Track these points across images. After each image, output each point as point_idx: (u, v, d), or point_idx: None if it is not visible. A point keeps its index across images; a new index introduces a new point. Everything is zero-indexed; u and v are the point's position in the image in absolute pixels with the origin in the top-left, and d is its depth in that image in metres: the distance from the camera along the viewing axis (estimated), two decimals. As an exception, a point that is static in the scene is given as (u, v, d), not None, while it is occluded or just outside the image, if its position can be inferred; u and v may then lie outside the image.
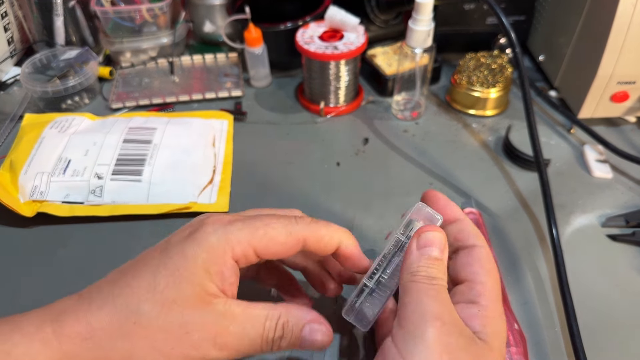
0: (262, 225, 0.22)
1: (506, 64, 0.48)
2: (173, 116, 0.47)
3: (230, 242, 0.22)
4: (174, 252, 0.22)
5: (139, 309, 0.21)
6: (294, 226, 0.23)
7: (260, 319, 0.22)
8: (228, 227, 0.22)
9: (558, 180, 0.41)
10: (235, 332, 0.21)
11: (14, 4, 0.55)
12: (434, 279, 0.22)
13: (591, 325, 0.31)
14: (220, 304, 0.21)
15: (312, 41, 0.45)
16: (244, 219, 0.23)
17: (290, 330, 0.23)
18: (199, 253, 0.21)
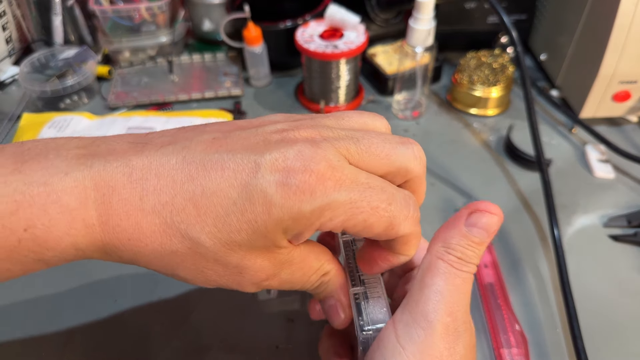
0: (369, 208, 0.18)
1: (507, 63, 0.48)
2: (172, 115, 0.47)
3: (324, 216, 0.18)
4: (257, 199, 0.17)
5: (200, 239, 0.18)
6: (401, 221, 0.19)
7: (310, 271, 0.21)
8: (330, 196, 0.17)
9: (560, 180, 0.41)
10: (284, 278, 0.20)
11: (12, 3, 0.54)
12: (466, 265, 0.20)
13: (593, 326, 0.30)
14: (284, 254, 0.20)
15: (312, 40, 0.45)
16: (351, 187, 0.18)
17: (321, 290, 0.22)
18: (285, 218, 0.17)
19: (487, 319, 0.31)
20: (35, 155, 0.18)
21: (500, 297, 0.31)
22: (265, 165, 0.17)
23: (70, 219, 0.17)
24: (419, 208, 0.20)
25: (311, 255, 0.21)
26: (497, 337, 0.30)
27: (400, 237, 0.20)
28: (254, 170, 0.17)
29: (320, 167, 0.17)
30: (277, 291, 0.32)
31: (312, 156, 0.18)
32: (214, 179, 0.18)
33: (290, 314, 0.31)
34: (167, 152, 0.18)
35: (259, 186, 0.17)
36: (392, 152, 0.20)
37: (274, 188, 0.17)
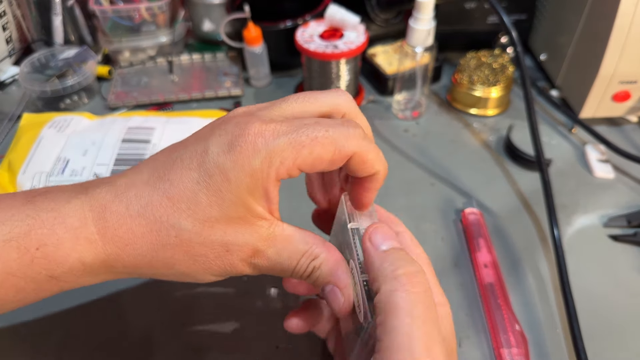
0: (309, 141, 0.20)
1: (507, 63, 0.48)
2: (172, 116, 0.47)
3: (274, 163, 0.20)
4: (213, 170, 0.20)
5: (180, 225, 0.20)
6: (343, 141, 0.20)
7: (298, 254, 0.22)
8: (272, 143, 0.20)
9: (559, 180, 0.41)
10: (272, 257, 0.22)
11: (12, 3, 0.54)
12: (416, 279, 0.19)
13: (593, 326, 0.30)
14: (265, 227, 0.21)
15: (312, 40, 0.45)
16: (289, 131, 0.20)
17: (318, 275, 0.22)
18: (242, 177, 0.20)
19: (487, 319, 0.31)
20: (43, 192, 0.21)
21: (500, 297, 0.31)
22: (212, 143, 0.20)
23: (75, 237, 0.20)
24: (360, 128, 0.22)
25: (296, 235, 0.22)
26: (497, 337, 0.30)
27: (355, 156, 0.21)
28: (205, 151, 0.20)
29: (255, 126, 0.20)
30: (278, 291, 0.32)
31: (247, 121, 0.20)
32: (177, 172, 0.20)
33: (290, 314, 0.31)
34: (139, 169, 0.22)
35: (211, 161, 0.20)
36: (320, 96, 0.22)
37: (223, 156, 0.20)
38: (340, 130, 0.21)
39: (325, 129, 0.20)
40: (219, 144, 0.20)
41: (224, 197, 0.20)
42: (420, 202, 0.40)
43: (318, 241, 0.22)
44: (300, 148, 0.20)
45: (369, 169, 0.22)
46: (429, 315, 0.19)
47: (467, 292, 0.33)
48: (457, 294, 0.33)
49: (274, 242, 0.21)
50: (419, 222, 0.38)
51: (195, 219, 0.20)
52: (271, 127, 0.20)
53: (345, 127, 0.21)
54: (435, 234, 0.37)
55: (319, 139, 0.20)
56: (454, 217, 0.38)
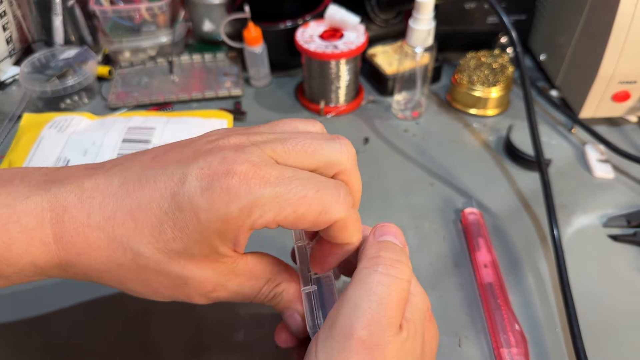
0: (296, 199, 0.18)
1: (507, 63, 0.48)
2: (172, 116, 0.47)
3: (252, 215, 0.18)
4: (185, 206, 0.18)
5: (140, 250, 0.19)
6: (332, 205, 0.19)
7: (261, 281, 0.21)
8: (255, 193, 0.18)
9: (559, 180, 0.41)
10: (233, 289, 0.21)
11: (12, 3, 0.55)
12: (393, 268, 0.19)
13: (592, 325, 0.30)
14: (228, 263, 0.20)
15: (312, 40, 0.45)
16: (276, 182, 0.18)
17: (279, 301, 0.22)
18: (214, 221, 0.18)
19: (487, 319, 0.31)
20: (3, 182, 0.20)
21: (499, 296, 0.31)
22: (191, 174, 0.19)
23: (30, 238, 0.19)
24: (350, 195, 0.20)
25: (259, 266, 0.21)
26: (496, 336, 0.30)
27: (337, 222, 0.20)
28: (182, 180, 0.19)
29: (242, 167, 0.18)
30: None
31: (235, 159, 0.18)
32: (147, 193, 0.19)
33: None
34: (112, 174, 0.20)
35: (186, 194, 0.18)
36: (319, 148, 0.20)
37: (199, 194, 0.18)
38: (332, 194, 0.19)
39: (317, 189, 0.19)
40: (198, 178, 0.18)
41: (189, 235, 0.19)
42: (420, 202, 0.40)
43: (281, 267, 0.22)
44: (285, 205, 0.18)
45: (347, 237, 0.21)
46: (388, 298, 0.19)
47: (467, 292, 0.33)
48: (456, 294, 0.33)
49: (236, 276, 0.21)
50: (418, 222, 0.38)
51: (156, 248, 0.19)
52: (260, 173, 0.18)
53: (337, 190, 0.20)
54: (435, 234, 0.37)
55: (307, 199, 0.19)
56: (453, 217, 0.38)
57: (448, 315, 0.31)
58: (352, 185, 0.22)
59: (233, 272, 0.21)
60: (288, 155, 0.20)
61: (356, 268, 0.20)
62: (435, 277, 0.34)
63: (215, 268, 0.20)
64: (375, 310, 0.18)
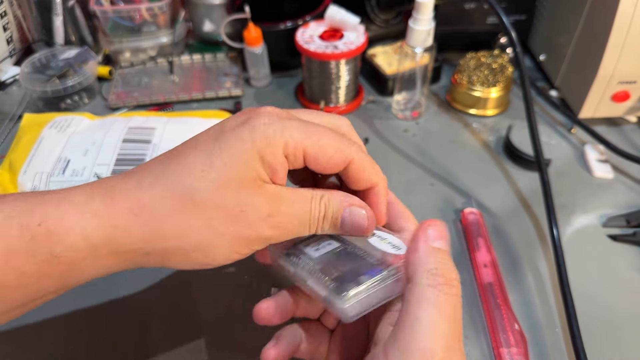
0: (317, 131, 0.22)
1: (507, 63, 0.48)
2: (172, 116, 0.47)
3: (284, 136, 0.21)
4: (230, 136, 0.21)
5: (194, 187, 0.20)
6: (345, 145, 0.22)
7: (307, 199, 0.22)
8: (285, 121, 0.21)
9: (559, 180, 0.41)
10: (286, 211, 0.22)
11: (13, 4, 0.55)
12: (452, 287, 0.20)
13: (592, 325, 0.30)
14: (272, 187, 0.21)
15: (312, 40, 0.45)
16: (300, 119, 0.22)
17: (331, 209, 0.23)
18: (256, 139, 0.21)
19: (487, 319, 0.31)
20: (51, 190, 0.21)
21: (499, 296, 0.32)
22: (228, 122, 0.22)
23: (80, 212, 0.19)
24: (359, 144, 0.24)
25: (300, 190, 0.23)
26: (496, 336, 0.30)
27: (354, 163, 0.22)
28: (222, 128, 0.22)
29: (269, 109, 0.22)
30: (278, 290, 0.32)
31: (261, 108, 0.22)
32: (191, 148, 0.21)
33: (290, 314, 0.31)
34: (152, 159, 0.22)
35: (228, 131, 0.21)
36: (324, 115, 0.25)
37: (240, 127, 0.21)
38: (343, 137, 0.23)
39: (332, 132, 0.22)
40: (235, 120, 0.22)
41: (237, 158, 0.20)
42: (420, 201, 0.40)
43: (317, 189, 0.23)
44: (309, 134, 0.21)
45: (368, 178, 0.23)
46: (455, 318, 0.20)
47: (467, 292, 0.33)
48: (456, 294, 0.33)
49: (284, 199, 0.22)
50: (418, 222, 0.38)
51: (210, 180, 0.20)
52: (285, 114, 0.22)
53: (347, 138, 0.23)
54: (434, 234, 0.37)
55: (326, 134, 0.22)
56: (453, 217, 0.38)
57: (448, 315, 0.31)
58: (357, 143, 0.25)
59: (280, 195, 0.22)
60: (301, 116, 0.23)
61: (414, 279, 0.20)
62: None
63: (263, 192, 0.21)
64: (449, 333, 0.19)
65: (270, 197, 0.21)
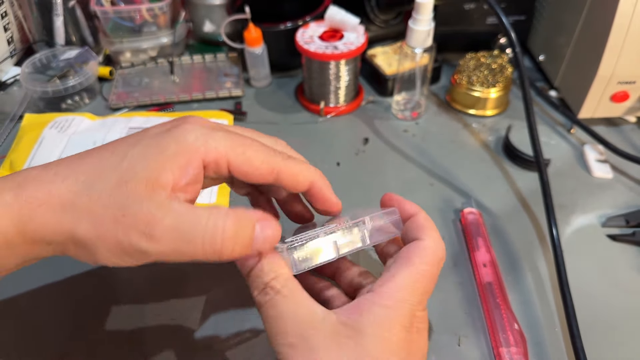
0: (243, 143, 0.22)
1: (506, 63, 0.48)
2: (173, 116, 0.47)
3: (207, 145, 0.21)
4: (148, 142, 0.22)
5: (94, 185, 0.21)
6: (271, 156, 0.23)
7: (202, 217, 0.20)
8: (210, 131, 0.22)
9: (558, 180, 0.41)
10: (169, 224, 0.20)
11: (13, 4, 0.55)
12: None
13: (591, 325, 0.31)
14: (162, 196, 0.20)
15: (312, 41, 0.45)
16: (227, 131, 0.23)
17: (243, 228, 0.21)
18: (172, 145, 0.21)
19: (486, 318, 0.31)
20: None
21: (499, 296, 0.32)
22: (151, 128, 0.23)
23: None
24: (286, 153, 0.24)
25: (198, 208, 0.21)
26: (496, 336, 0.30)
27: (283, 171, 0.23)
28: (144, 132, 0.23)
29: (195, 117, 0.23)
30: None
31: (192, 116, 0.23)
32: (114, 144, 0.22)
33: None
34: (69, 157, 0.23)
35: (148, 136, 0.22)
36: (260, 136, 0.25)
37: (161, 132, 0.22)
38: (270, 149, 0.24)
39: (259, 143, 0.23)
40: (161, 127, 0.22)
41: (141, 162, 0.21)
42: (420, 201, 0.39)
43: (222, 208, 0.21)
44: (234, 146, 0.22)
45: (302, 180, 0.24)
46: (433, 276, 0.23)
47: (466, 292, 0.33)
48: (456, 293, 0.33)
49: (170, 211, 0.20)
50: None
51: (110, 180, 0.21)
52: (213, 124, 0.23)
53: (275, 150, 0.24)
54: (434, 234, 0.37)
55: (252, 146, 0.23)
56: (452, 216, 0.38)
57: (447, 315, 0.32)
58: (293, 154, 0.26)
59: (167, 206, 0.20)
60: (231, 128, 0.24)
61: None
62: (435, 276, 0.34)
63: (149, 198, 0.20)
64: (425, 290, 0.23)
65: (153, 205, 0.20)
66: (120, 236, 0.20)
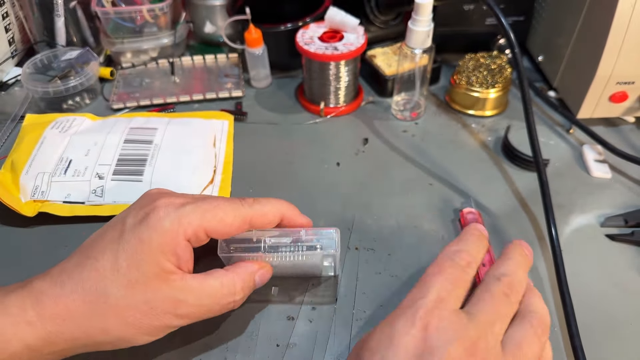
0: (211, 207, 0.25)
1: (505, 64, 0.48)
2: (174, 117, 0.47)
3: (182, 224, 0.24)
4: (130, 237, 0.24)
5: (107, 291, 0.23)
6: (239, 208, 0.26)
7: (216, 288, 0.25)
8: (180, 210, 0.25)
9: (557, 180, 0.41)
10: (194, 303, 0.25)
11: (15, 5, 0.55)
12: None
13: (590, 324, 0.31)
14: (178, 280, 0.24)
15: (312, 42, 0.45)
16: (194, 201, 0.25)
17: (248, 285, 0.27)
18: (154, 237, 0.24)
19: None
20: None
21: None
22: (129, 218, 0.25)
23: (16, 323, 0.22)
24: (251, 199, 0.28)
25: (208, 278, 0.26)
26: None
27: (255, 217, 0.26)
28: (123, 225, 0.25)
29: (164, 199, 0.25)
30: (278, 289, 0.33)
31: (158, 197, 0.26)
32: (100, 247, 0.24)
33: (290, 312, 0.32)
34: (71, 256, 0.25)
35: (128, 230, 0.24)
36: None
37: (138, 225, 0.24)
38: (236, 201, 0.26)
39: (225, 200, 0.26)
40: (135, 217, 0.25)
41: (139, 258, 0.24)
42: (419, 201, 0.40)
43: (224, 271, 0.26)
44: (204, 212, 0.25)
45: (273, 218, 0.28)
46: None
47: (465, 291, 0.33)
48: (455, 293, 0.33)
49: (191, 291, 0.25)
50: (417, 222, 0.38)
51: (119, 283, 0.23)
52: (179, 200, 0.26)
53: (240, 200, 0.27)
54: (434, 233, 0.37)
55: (220, 205, 0.26)
56: (452, 216, 0.39)
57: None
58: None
59: (186, 287, 0.24)
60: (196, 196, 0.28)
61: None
62: (434, 276, 0.34)
63: (169, 286, 0.24)
64: None
65: (176, 291, 0.24)
66: (155, 323, 0.24)
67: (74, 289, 0.23)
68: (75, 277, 0.24)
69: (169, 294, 0.24)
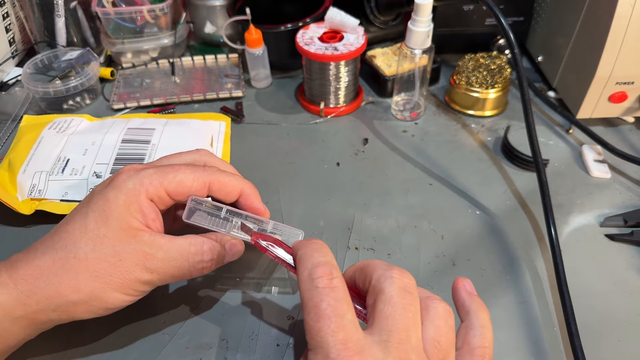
0: (172, 170, 0.27)
1: (505, 64, 0.48)
2: (171, 117, 0.47)
3: (143, 184, 0.26)
4: (98, 198, 0.26)
5: (76, 247, 0.24)
6: (200, 172, 0.27)
7: (184, 246, 0.26)
8: (141, 172, 0.26)
9: (556, 180, 0.41)
10: (163, 257, 0.25)
11: (15, 5, 0.55)
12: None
13: (589, 324, 0.31)
14: (146, 235, 0.25)
15: (312, 42, 0.46)
16: (155, 166, 0.27)
17: (217, 251, 0.27)
18: (119, 195, 0.25)
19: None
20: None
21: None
22: (96, 187, 0.27)
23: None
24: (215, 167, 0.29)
25: (178, 238, 0.26)
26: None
27: (214, 183, 0.27)
28: (91, 193, 0.27)
29: (127, 167, 0.27)
30: (278, 289, 0.33)
31: (122, 169, 0.27)
32: (72, 216, 0.26)
33: (290, 312, 0.32)
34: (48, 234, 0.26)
35: (95, 194, 0.26)
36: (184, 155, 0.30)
37: (104, 188, 0.26)
38: (198, 167, 0.27)
39: (186, 165, 0.27)
40: (102, 184, 0.27)
41: (106, 215, 0.25)
42: (419, 201, 0.40)
43: (195, 235, 0.27)
44: (164, 174, 0.26)
45: (233, 189, 0.28)
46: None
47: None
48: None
49: (160, 246, 0.25)
50: (417, 222, 0.38)
51: (87, 239, 0.25)
52: (142, 166, 0.27)
53: (202, 165, 0.28)
54: (433, 233, 0.37)
55: (180, 170, 0.27)
56: (452, 217, 0.39)
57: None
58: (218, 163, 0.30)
59: (155, 242, 0.25)
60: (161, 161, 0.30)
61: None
62: (434, 275, 0.34)
63: (138, 240, 0.25)
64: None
65: (144, 245, 0.25)
66: (125, 276, 0.25)
67: (45, 250, 0.25)
68: (47, 241, 0.25)
69: (137, 247, 0.25)
